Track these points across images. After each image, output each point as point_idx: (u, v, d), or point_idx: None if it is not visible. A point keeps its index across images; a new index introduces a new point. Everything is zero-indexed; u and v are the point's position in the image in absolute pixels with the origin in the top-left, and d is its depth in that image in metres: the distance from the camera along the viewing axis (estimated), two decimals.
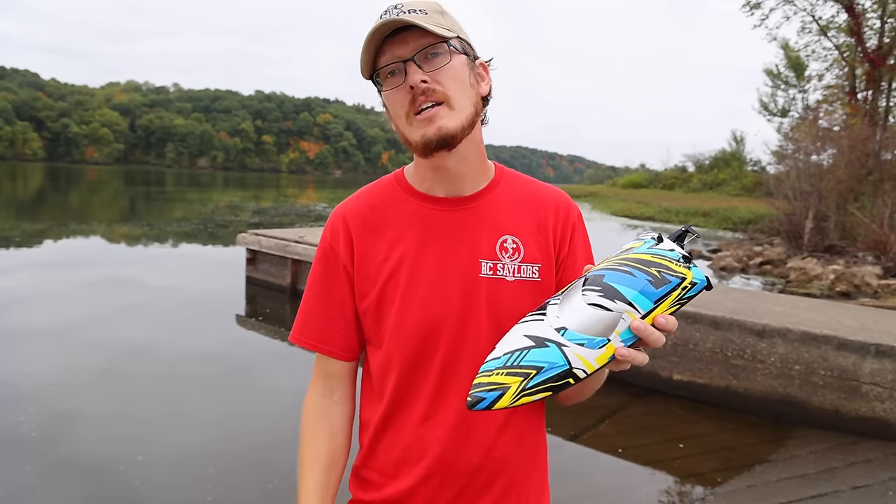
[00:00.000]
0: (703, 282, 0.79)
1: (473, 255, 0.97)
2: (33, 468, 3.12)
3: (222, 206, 23.37)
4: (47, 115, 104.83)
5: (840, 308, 5.29)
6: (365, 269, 0.99)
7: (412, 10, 0.89)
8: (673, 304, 0.77)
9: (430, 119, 0.89)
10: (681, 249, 0.79)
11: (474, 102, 0.94)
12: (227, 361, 5.20)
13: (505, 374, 0.74)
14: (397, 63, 0.90)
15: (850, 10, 19.10)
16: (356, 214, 1.01)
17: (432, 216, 0.99)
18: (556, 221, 1.03)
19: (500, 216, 1.00)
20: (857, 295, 9.29)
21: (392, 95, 0.92)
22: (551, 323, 0.76)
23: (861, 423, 3.90)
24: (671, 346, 4.56)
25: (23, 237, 11.93)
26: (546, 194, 1.05)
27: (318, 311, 1.03)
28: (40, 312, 6.32)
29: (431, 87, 0.89)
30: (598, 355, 0.74)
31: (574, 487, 3.34)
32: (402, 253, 0.98)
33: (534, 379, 0.73)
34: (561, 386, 0.74)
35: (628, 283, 0.75)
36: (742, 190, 29.42)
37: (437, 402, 0.97)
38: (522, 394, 0.73)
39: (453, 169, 0.97)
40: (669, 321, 0.77)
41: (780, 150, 17.20)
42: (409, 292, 0.96)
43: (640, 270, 0.76)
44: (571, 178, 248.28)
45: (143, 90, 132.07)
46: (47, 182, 38.21)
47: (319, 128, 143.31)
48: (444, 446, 0.97)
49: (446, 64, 0.90)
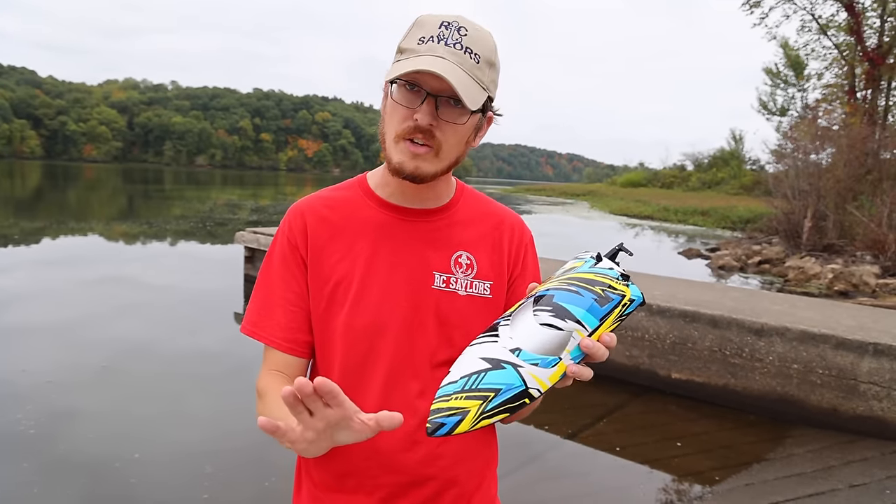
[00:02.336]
0: (640, 298, 0.82)
1: (427, 267, 0.98)
2: (31, 465, 3.11)
3: (221, 205, 23.34)
4: (45, 113, 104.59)
5: (838, 307, 5.29)
6: (318, 267, 0.99)
7: (469, 50, 0.87)
8: (615, 320, 0.80)
9: (416, 155, 0.90)
10: (619, 268, 0.82)
11: (460, 154, 0.96)
12: (225, 360, 5.19)
13: (464, 397, 0.74)
14: (421, 89, 0.88)
15: (850, 8, 19.11)
16: (314, 212, 1.01)
17: (391, 224, 1.00)
18: (510, 241, 1.05)
19: (457, 232, 1.02)
20: (855, 294, 9.30)
21: (397, 108, 0.91)
22: (505, 344, 0.77)
23: (859, 422, 3.91)
24: (669, 345, 4.57)
25: (21, 235, 11.91)
26: (502, 215, 1.08)
27: (276, 303, 0.99)
28: (38, 310, 6.31)
29: (433, 132, 0.89)
30: (550, 374, 0.76)
31: (572, 486, 3.34)
32: (356, 256, 0.98)
33: (492, 401, 0.74)
34: (517, 406, 0.76)
35: (577, 303, 0.78)
36: (741, 189, 29.47)
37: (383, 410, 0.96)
38: (482, 416, 0.74)
39: (417, 188, 0.99)
40: (613, 338, 0.80)
41: (779, 149, 17.23)
42: (360, 296, 0.96)
43: (586, 290, 0.79)
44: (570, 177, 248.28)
45: (141, 88, 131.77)
46: (45, 180, 38.13)
47: (318, 126, 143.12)
48: (393, 455, 0.96)
49: (460, 123, 0.90)
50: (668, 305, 4.59)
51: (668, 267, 11.43)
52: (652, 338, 4.63)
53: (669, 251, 15.49)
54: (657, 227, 22.41)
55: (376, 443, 0.94)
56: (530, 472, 3.40)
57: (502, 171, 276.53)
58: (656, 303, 4.65)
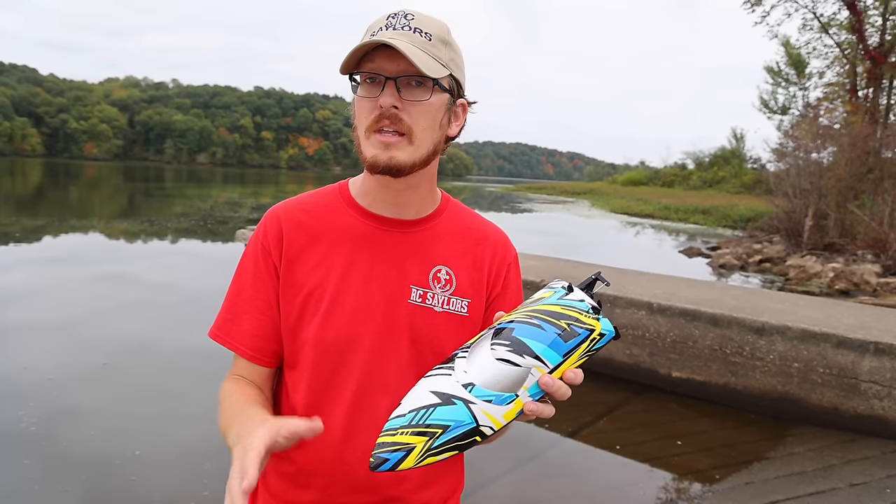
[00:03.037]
0: (612, 333, 0.78)
1: (404, 280, 0.96)
2: (32, 462, 3.12)
3: (221, 203, 23.35)
4: (46, 111, 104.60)
5: (839, 306, 5.29)
6: (291, 274, 0.96)
7: (418, 30, 0.87)
8: (582, 356, 0.76)
9: (387, 146, 0.88)
10: (590, 300, 0.78)
11: (436, 142, 0.92)
12: (225, 358, 5.16)
13: (410, 433, 0.71)
14: (379, 75, 0.87)
15: (852, 7, 19.07)
16: (291, 217, 0.98)
17: (369, 234, 0.97)
18: (492, 259, 1.02)
19: (437, 246, 0.99)
20: (856, 293, 9.29)
21: (362, 103, 0.89)
22: (458, 378, 0.73)
23: (859, 421, 3.91)
24: (670, 344, 4.57)
25: (22, 233, 11.92)
26: (487, 231, 1.05)
27: (245, 309, 0.97)
28: (40, 308, 6.32)
29: (399, 116, 0.87)
30: (505, 411, 0.73)
31: (572, 484, 3.34)
32: (331, 265, 0.95)
33: (439, 438, 0.71)
34: (467, 444, 0.73)
35: (537, 338, 0.73)
36: (742, 187, 29.43)
37: (352, 425, 0.94)
38: (427, 454, 0.71)
39: (401, 192, 0.96)
40: (578, 375, 0.75)
41: (781, 147, 17.21)
42: (332, 308, 0.93)
43: (550, 323, 0.74)
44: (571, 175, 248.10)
45: (142, 86, 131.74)
46: (46, 178, 38.15)
47: (319, 124, 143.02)
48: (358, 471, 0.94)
49: (424, 100, 0.88)
50: (669, 304, 4.59)
51: (669, 265, 11.43)
52: (652, 336, 4.63)
53: (670, 250, 15.48)
54: (658, 225, 22.40)
55: (342, 458, 0.93)
56: (530, 470, 3.40)
57: (503, 170, 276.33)
58: (657, 301, 4.65)
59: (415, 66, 0.83)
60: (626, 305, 4.75)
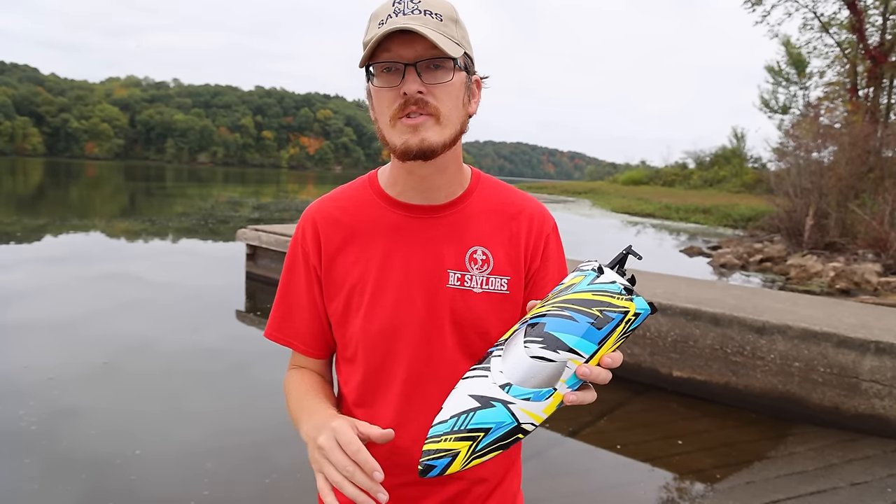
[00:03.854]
0: (647, 310, 0.76)
1: (441, 266, 0.96)
2: (32, 462, 3.12)
3: (222, 202, 23.35)
4: (47, 111, 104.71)
5: (840, 305, 5.28)
6: (332, 272, 0.99)
7: (428, 12, 0.86)
8: (618, 339, 0.75)
9: (416, 128, 0.87)
10: (622, 280, 0.76)
11: (462, 121, 0.93)
12: (226, 357, 5.20)
13: (453, 439, 0.72)
14: (398, 63, 0.86)
15: (852, 6, 19.05)
16: (326, 216, 1.00)
17: (402, 223, 0.98)
18: (528, 234, 1.01)
19: (471, 226, 0.99)
20: (857, 292, 9.28)
21: (382, 93, 0.89)
22: (495, 379, 0.74)
23: (860, 421, 3.90)
24: (671, 343, 4.56)
25: (23, 232, 11.93)
26: (521, 205, 1.03)
27: (293, 309, 1.03)
28: (41, 307, 6.32)
29: (425, 100, 0.86)
30: (545, 406, 0.73)
31: (573, 483, 3.34)
32: (370, 259, 0.97)
33: (482, 441, 0.72)
34: (511, 442, 0.74)
35: (569, 330, 0.73)
36: (742, 187, 29.41)
37: (404, 412, 0.97)
38: (472, 457, 0.73)
39: (429, 177, 0.96)
40: (615, 359, 0.76)
41: (781, 147, 17.19)
42: (374, 299, 0.96)
43: (582, 313, 0.73)
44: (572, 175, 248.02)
45: (143, 85, 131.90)
46: (47, 177, 38.17)
47: (319, 123, 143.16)
48: (414, 456, 0.95)
49: (448, 81, 0.88)
50: (670, 303, 4.59)
51: (670, 265, 11.42)
52: (653, 336, 4.63)
53: (671, 249, 15.47)
54: (659, 225, 22.39)
55: (396, 444, 0.95)
56: (531, 469, 3.39)
57: (503, 169, 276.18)
58: (658, 301, 4.65)
59: (438, 48, 0.83)
60: None
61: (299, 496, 3.01)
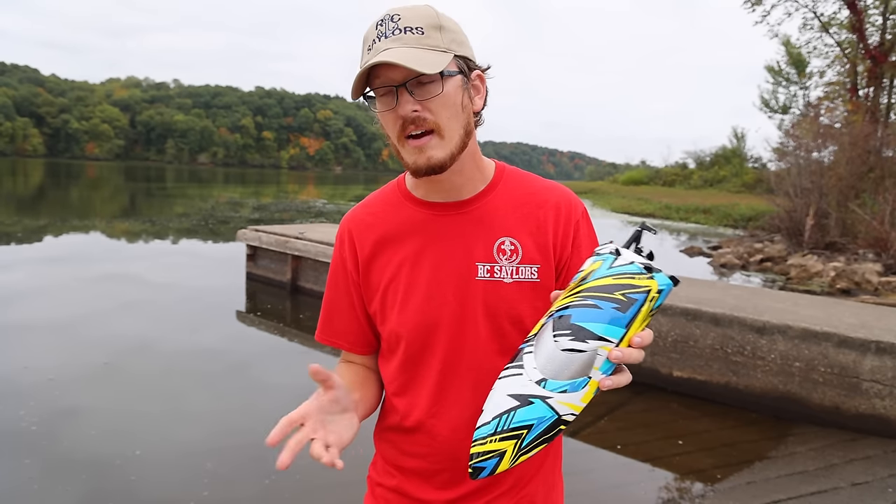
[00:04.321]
0: (670, 285, 0.76)
1: (470, 259, 0.99)
2: (32, 462, 3.12)
3: (222, 203, 23.35)
4: (47, 111, 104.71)
5: (840, 305, 5.28)
6: (368, 276, 1.04)
7: (408, 29, 0.88)
8: (645, 318, 0.76)
9: (421, 149, 0.90)
10: (640, 258, 0.77)
11: (465, 124, 0.94)
12: (226, 357, 5.20)
13: (498, 439, 0.75)
14: (389, 87, 0.89)
15: (852, 6, 19.03)
16: (359, 224, 1.06)
17: (429, 221, 1.01)
18: (556, 221, 1.01)
19: (497, 218, 1.00)
20: (857, 292, 9.28)
21: (384, 117, 0.92)
22: (531, 376, 0.75)
23: (861, 420, 3.90)
24: (671, 343, 4.56)
25: (24, 233, 11.93)
26: (547, 193, 1.04)
27: (336, 314, 1.10)
28: (41, 308, 6.32)
29: (422, 117, 0.89)
30: (582, 395, 0.75)
31: (573, 483, 3.32)
32: (402, 259, 1.01)
33: (527, 438, 0.75)
34: (554, 434, 0.76)
35: (595, 318, 0.74)
36: (743, 187, 29.38)
37: (440, 402, 1.01)
38: (519, 454, 0.75)
39: (446, 180, 0.98)
40: (644, 337, 0.76)
41: (781, 146, 17.17)
42: (407, 297, 1.00)
43: (605, 300, 0.74)
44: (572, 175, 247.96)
45: (144, 86, 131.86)
46: (48, 178, 38.18)
47: (320, 124, 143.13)
48: (452, 443, 1.00)
49: (439, 94, 0.89)
50: (670, 303, 4.58)
51: (670, 265, 11.42)
52: (653, 335, 4.62)
53: (671, 249, 15.47)
54: (659, 224, 22.39)
55: (433, 434, 1.02)
56: None
57: None
58: None
59: (410, 67, 0.85)
60: None
61: (299, 497, 3.01)
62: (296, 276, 7.48)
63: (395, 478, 1.07)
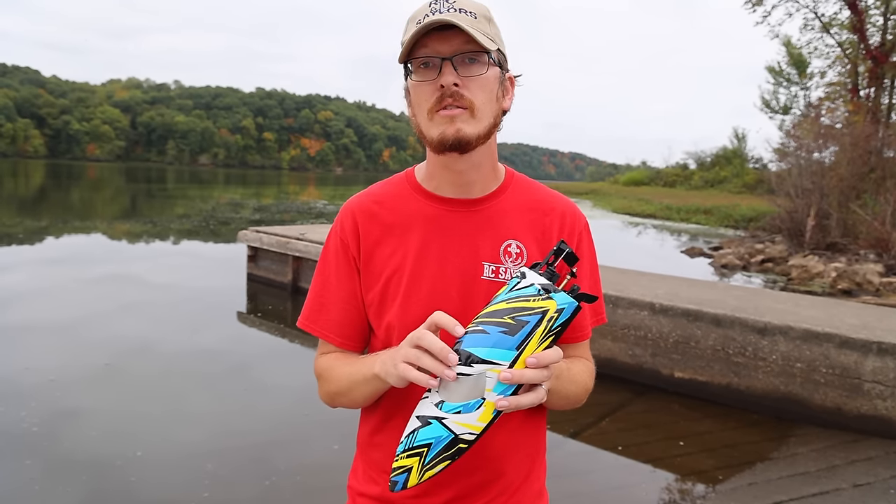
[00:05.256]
0: (572, 303, 0.80)
1: (476, 258, 0.99)
2: (33, 463, 3.12)
3: (223, 204, 23.37)
4: (48, 113, 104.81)
5: (842, 306, 5.27)
6: (370, 263, 1.01)
7: (463, 10, 0.90)
8: (543, 338, 0.79)
9: (452, 119, 0.91)
10: (542, 279, 0.81)
11: (495, 115, 0.95)
12: (227, 358, 5.20)
13: (405, 456, 0.80)
14: (434, 58, 0.90)
15: (853, 6, 19.02)
16: (364, 210, 1.03)
17: (438, 215, 1.01)
18: (560, 230, 1.03)
19: (505, 220, 1.01)
20: (858, 293, 9.26)
21: (420, 87, 0.92)
22: (432, 399, 0.81)
23: (863, 421, 3.89)
24: (672, 344, 4.56)
25: (25, 234, 11.94)
26: (554, 202, 1.06)
27: (330, 300, 1.04)
28: (42, 309, 6.33)
29: (461, 92, 0.90)
30: (478, 416, 0.79)
31: (574, 485, 3.33)
32: (406, 250, 0.99)
33: (427, 455, 0.79)
34: (455, 453, 0.80)
35: (481, 343, 0.78)
36: (743, 187, 29.38)
37: None
38: (424, 470, 0.80)
39: (464, 172, 0.98)
40: (541, 358, 0.79)
41: (782, 147, 17.15)
42: (411, 290, 0.98)
43: (493, 324, 0.79)
44: (573, 176, 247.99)
45: (145, 87, 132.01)
46: (49, 179, 38.22)
47: (320, 125, 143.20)
48: None
49: (482, 74, 0.91)
50: (671, 304, 4.58)
51: (671, 266, 11.41)
52: (655, 337, 4.62)
53: (672, 250, 15.46)
54: (660, 225, 22.37)
55: None
56: None
57: None
58: (659, 302, 4.64)
59: (475, 41, 0.88)
60: (629, 306, 4.74)
61: (299, 498, 3.01)
62: (297, 277, 7.48)
63: (378, 485, 1.04)
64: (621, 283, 5.30)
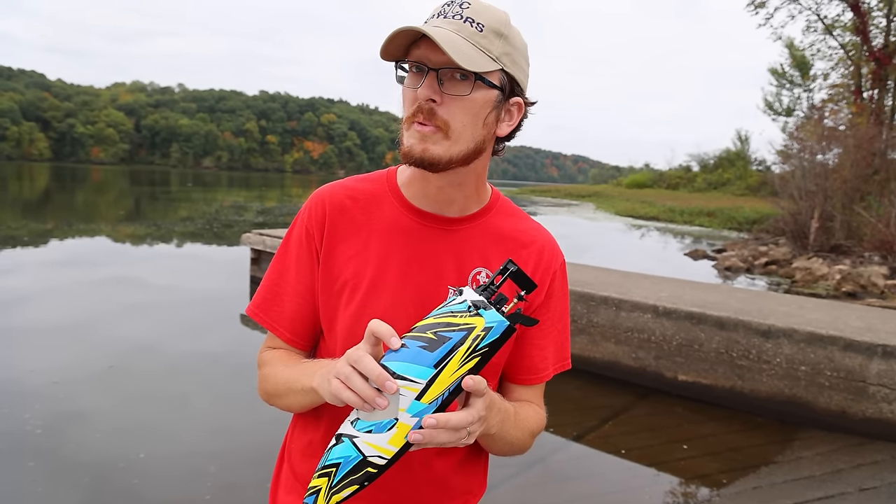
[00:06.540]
0: (502, 322, 0.75)
1: (440, 279, 0.93)
2: (37, 464, 3.12)
3: (227, 206, 23.42)
4: (53, 116, 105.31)
5: (846, 308, 5.25)
6: (330, 261, 0.94)
7: (470, 20, 0.83)
8: (466, 358, 0.73)
9: (422, 137, 0.84)
10: (475, 296, 0.76)
11: (478, 140, 0.87)
12: (230, 360, 5.20)
13: (317, 475, 0.74)
14: (423, 65, 0.84)
15: (856, 8, 19.01)
16: (336, 202, 0.96)
17: (409, 228, 0.94)
18: (536, 266, 0.97)
19: (479, 247, 0.95)
20: (863, 295, 9.23)
21: (406, 92, 0.87)
22: (350, 416, 0.76)
23: (868, 425, 3.87)
24: (676, 347, 4.54)
25: (30, 236, 11.98)
26: (535, 235, 1.00)
27: (286, 291, 0.97)
28: (47, 311, 6.34)
29: (434, 110, 0.84)
30: (389, 438, 0.72)
31: (578, 488, 3.32)
32: (368, 256, 0.93)
33: (336, 476, 0.73)
34: (363, 477, 0.73)
35: (399, 358, 0.73)
36: (747, 189, 29.36)
37: None
38: (332, 492, 0.73)
39: (443, 189, 0.93)
40: (446, 421, 0.72)
41: (786, 149, 17.14)
42: (365, 302, 0.92)
43: (414, 339, 0.74)
44: (575, 178, 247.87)
45: (148, 90, 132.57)
46: (53, 182, 38.38)
47: (323, 128, 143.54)
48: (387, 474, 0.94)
49: (464, 95, 0.84)
50: (675, 307, 4.57)
51: (674, 268, 11.39)
52: (658, 339, 4.61)
53: (675, 252, 15.43)
54: (663, 228, 22.33)
55: None
56: (536, 474, 3.38)
57: (507, 173, 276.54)
58: (662, 304, 4.63)
59: (452, 58, 0.79)
60: (632, 308, 4.73)
61: None
62: None
63: None
64: (624, 285, 5.29)
